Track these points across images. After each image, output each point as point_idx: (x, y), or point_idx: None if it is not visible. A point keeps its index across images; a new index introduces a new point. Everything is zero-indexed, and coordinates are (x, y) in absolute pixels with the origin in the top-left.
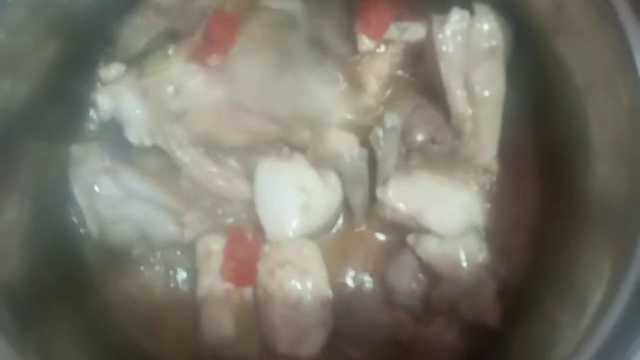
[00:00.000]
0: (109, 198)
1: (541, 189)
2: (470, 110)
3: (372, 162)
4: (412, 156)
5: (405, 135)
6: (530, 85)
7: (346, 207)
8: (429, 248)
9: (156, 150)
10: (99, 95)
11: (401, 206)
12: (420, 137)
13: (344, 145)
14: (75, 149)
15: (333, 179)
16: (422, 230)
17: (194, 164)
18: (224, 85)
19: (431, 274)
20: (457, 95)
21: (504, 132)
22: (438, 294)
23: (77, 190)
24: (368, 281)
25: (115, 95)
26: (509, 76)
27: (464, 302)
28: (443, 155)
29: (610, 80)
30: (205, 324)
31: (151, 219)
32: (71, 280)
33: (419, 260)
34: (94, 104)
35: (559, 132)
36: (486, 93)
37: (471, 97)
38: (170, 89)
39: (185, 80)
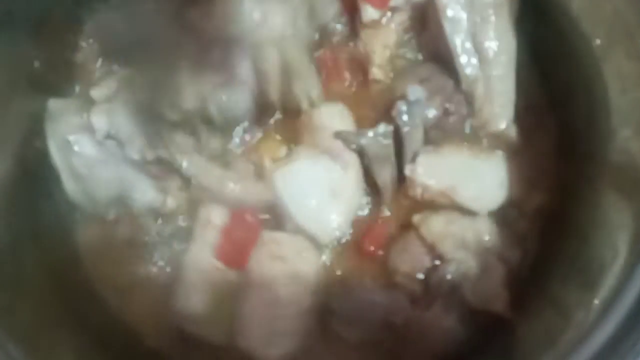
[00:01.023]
0: (87, 158)
1: (559, 165)
2: (479, 71)
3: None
4: (430, 135)
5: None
6: (545, 46)
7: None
8: (434, 228)
9: None
10: (94, 116)
11: (433, 183)
12: (432, 113)
13: (335, 118)
14: (53, 103)
15: (347, 157)
16: (456, 208)
17: (201, 171)
18: None
19: (434, 255)
20: (464, 57)
21: (518, 98)
22: (438, 274)
23: (54, 147)
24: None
25: (110, 113)
26: (522, 37)
27: (466, 285)
28: (461, 126)
29: (630, 41)
30: (180, 291)
31: (131, 183)
32: (53, 254)
33: (423, 240)
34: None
35: (576, 101)
36: (495, 51)
37: (480, 56)
38: (165, 97)
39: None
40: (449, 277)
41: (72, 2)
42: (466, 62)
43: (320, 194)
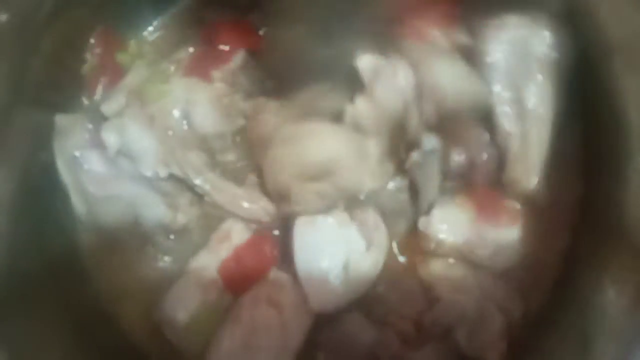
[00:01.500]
0: (96, 174)
1: (577, 222)
2: (517, 125)
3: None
4: (449, 182)
5: (442, 156)
6: (584, 115)
7: None
8: (434, 270)
9: None
10: (104, 132)
11: (446, 238)
12: (457, 158)
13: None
14: (60, 119)
15: (375, 237)
16: (469, 262)
17: (215, 189)
18: None
19: (430, 296)
20: (504, 109)
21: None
22: (432, 316)
23: (62, 165)
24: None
25: (121, 129)
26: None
27: (461, 330)
28: (484, 181)
29: None
30: (171, 294)
31: (141, 200)
32: (58, 266)
33: (420, 281)
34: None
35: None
36: (538, 109)
37: (521, 112)
38: (176, 112)
39: (190, 101)
40: (443, 319)
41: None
42: (505, 114)
43: (332, 262)
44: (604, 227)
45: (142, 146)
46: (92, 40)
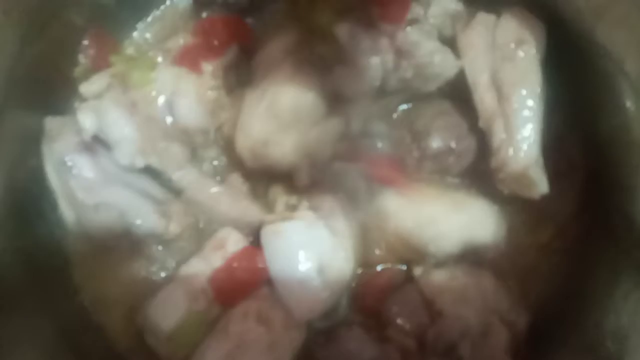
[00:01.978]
0: (86, 180)
1: (580, 224)
2: (498, 107)
3: None
4: (424, 165)
5: (420, 139)
6: (575, 87)
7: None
8: (435, 282)
9: None
10: (81, 113)
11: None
12: (435, 144)
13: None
14: (50, 122)
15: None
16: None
17: (195, 185)
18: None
19: (433, 311)
20: (482, 91)
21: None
22: (435, 331)
23: (50, 169)
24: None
25: (99, 112)
26: (551, 78)
27: (464, 345)
28: (456, 170)
29: None
30: (158, 300)
31: (133, 207)
32: (44, 275)
33: (422, 294)
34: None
35: (609, 147)
36: (515, 87)
37: (500, 94)
38: (161, 101)
39: (176, 91)
40: (446, 334)
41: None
42: (484, 97)
43: (307, 267)
44: (611, 220)
45: (120, 133)
46: (85, 42)
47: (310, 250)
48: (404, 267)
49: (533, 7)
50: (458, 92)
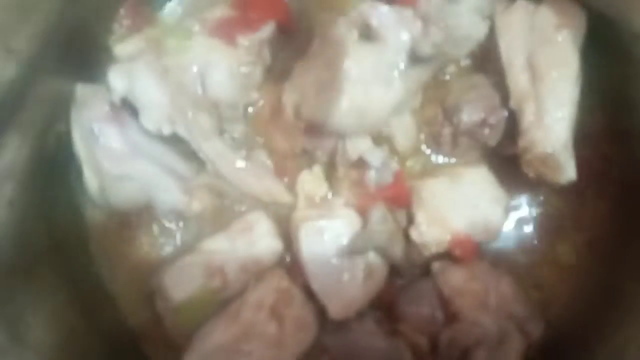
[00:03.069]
0: (112, 150)
1: (614, 224)
2: (531, 88)
3: None
4: (459, 141)
5: (452, 114)
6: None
7: None
8: (454, 281)
9: None
10: (112, 73)
11: (441, 236)
12: (468, 117)
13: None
14: (81, 89)
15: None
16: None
17: (220, 158)
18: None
19: (449, 311)
20: (516, 72)
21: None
22: (450, 336)
23: (77, 137)
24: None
25: (131, 75)
26: (587, 68)
27: (479, 352)
28: (492, 141)
29: None
30: (174, 269)
31: (156, 182)
32: (64, 242)
33: (439, 292)
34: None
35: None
36: (550, 69)
37: (534, 75)
38: (194, 70)
39: (210, 62)
40: (462, 340)
41: None
42: (518, 77)
43: (355, 270)
44: None
45: (149, 97)
46: (121, 11)
47: (350, 252)
48: None
49: None
50: (488, 67)
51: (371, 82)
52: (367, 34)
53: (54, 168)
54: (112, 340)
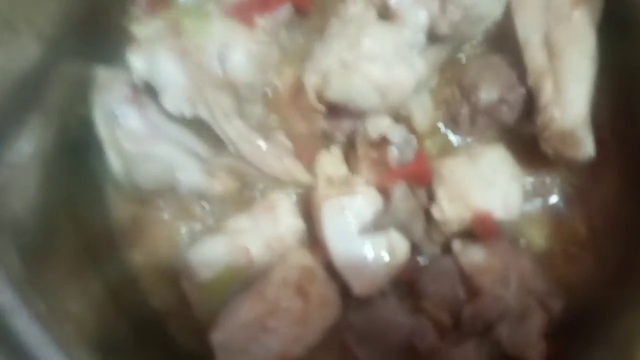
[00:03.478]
0: (133, 132)
1: (627, 192)
2: (548, 65)
3: None
4: (477, 121)
5: (470, 93)
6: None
7: None
8: (475, 258)
9: None
10: (132, 55)
11: (462, 213)
12: (486, 95)
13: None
14: (100, 72)
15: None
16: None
17: (241, 138)
18: None
19: (471, 288)
20: (532, 50)
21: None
22: (473, 311)
23: (99, 118)
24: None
25: (151, 56)
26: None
27: (502, 326)
28: (510, 119)
29: None
30: (199, 248)
31: (178, 163)
32: (87, 224)
33: (460, 269)
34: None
35: None
36: (566, 46)
37: (551, 53)
38: (212, 51)
39: (228, 43)
40: (485, 314)
41: None
42: (535, 55)
43: (378, 246)
44: None
45: (169, 78)
46: None
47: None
48: None
49: None
50: (505, 47)
51: (393, 61)
52: (385, 13)
53: (76, 151)
54: (137, 320)
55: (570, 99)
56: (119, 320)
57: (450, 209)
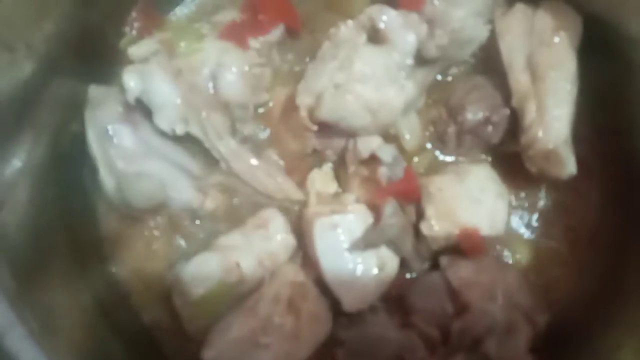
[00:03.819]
0: (126, 150)
1: (608, 209)
2: (531, 87)
3: None
4: (463, 140)
5: (457, 113)
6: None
7: None
8: (463, 273)
9: None
10: (126, 74)
11: (450, 230)
12: (472, 116)
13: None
14: (94, 90)
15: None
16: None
17: (233, 156)
18: None
19: (459, 302)
20: (518, 70)
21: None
22: (461, 326)
23: (92, 136)
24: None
25: (145, 76)
26: (584, 71)
27: (490, 341)
28: (495, 139)
29: None
30: (192, 264)
31: (170, 180)
32: (79, 240)
33: (448, 284)
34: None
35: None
36: (549, 69)
37: (534, 75)
38: (205, 72)
39: (221, 63)
40: (473, 329)
41: None
42: (519, 77)
43: (369, 263)
44: None
45: (163, 98)
46: (133, 14)
47: (367, 250)
48: None
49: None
50: (490, 70)
51: (383, 82)
52: (375, 36)
53: (68, 167)
54: (128, 336)
55: (553, 119)
56: (110, 336)
57: (439, 226)
